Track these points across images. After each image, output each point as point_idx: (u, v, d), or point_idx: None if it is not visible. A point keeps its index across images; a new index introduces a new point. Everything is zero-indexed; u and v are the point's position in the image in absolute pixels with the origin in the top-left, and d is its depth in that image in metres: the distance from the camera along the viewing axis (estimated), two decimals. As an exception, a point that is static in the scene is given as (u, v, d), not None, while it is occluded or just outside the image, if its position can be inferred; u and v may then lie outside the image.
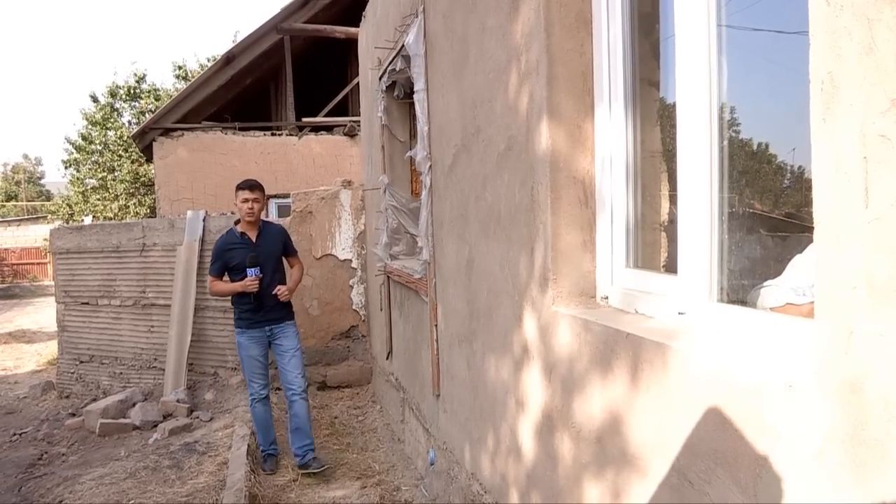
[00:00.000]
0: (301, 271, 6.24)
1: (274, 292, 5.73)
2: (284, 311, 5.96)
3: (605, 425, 2.29)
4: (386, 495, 5.25)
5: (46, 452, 7.59)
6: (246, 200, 5.72)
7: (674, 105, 2.16)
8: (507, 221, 3.12)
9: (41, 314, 21.33)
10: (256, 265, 5.65)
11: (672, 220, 2.51)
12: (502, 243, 3.21)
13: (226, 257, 5.78)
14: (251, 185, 5.78)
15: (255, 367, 5.89)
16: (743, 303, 2.10)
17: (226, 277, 5.89)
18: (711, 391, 1.71)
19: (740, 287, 2.21)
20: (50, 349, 13.38)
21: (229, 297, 6.06)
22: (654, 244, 2.64)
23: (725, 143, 2.01)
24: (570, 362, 2.52)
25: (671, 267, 2.33)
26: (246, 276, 5.63)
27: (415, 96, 4.80)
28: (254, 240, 5.82)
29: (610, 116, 2.56)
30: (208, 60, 25.15)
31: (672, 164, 2.45)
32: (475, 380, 3.82)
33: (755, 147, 2.77)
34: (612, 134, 2.55)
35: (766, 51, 2.47)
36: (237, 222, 5.95)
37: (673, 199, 2.50)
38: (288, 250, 6.12)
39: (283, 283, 5.92)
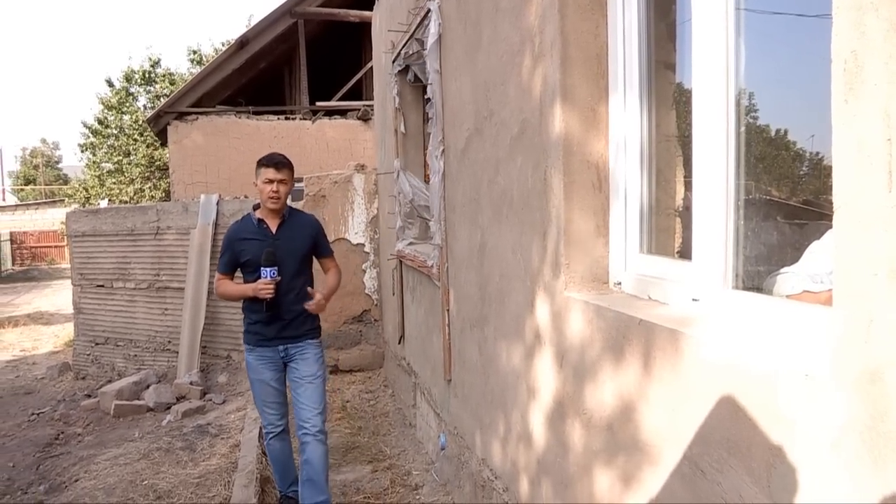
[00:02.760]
0: (338, 278, 4.76)
1: (310, 293, 4.43)
2: (306, 327, 4.53)
3: (617, 412, 2.27)
4: (397, 479, 5.25)
5: (63, 432, 7.66)
6: (270, 181, 4.35)
7: (690, 89, 2.12)
8: (520, 206, 3.09)
9: (59, 296, 21.50)
10: (274, 264, 4.28)
11: (687, 206, 2.48)
12: (515, 228, 3.18)
13: (237, 249, 4.46)
14: (278, 162, 4.38)
15: (268, 394, 4.56)
16: (758, 290, 2.07)
17: (238, 277, 4.62)
18: (725, 379, 1.68)
19: (756, 274, 2.17)
20: (67, 331, 13.48)
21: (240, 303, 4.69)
22: (668, 230, 2.60)
23: (742, 128, 1.97)
24: (582, 348, 2.50)
25: (685, 253, 2.30)
26: (260, 276, 4.30)
27: (428, 79, 4.76)
28: (274, 231, 4.44)
29: (624, 100, 2.52)
30: (222, 45, 25.19)
31: (687, 149, 2.41)
32: (486, 365, 3.80)
33: (773, 133, 2.72)
34: (626, 117, 2.51)
35: (785, 35, 2.42)
36: (256, 207, 4.57)
37: (688, 185, 2.47)
38: (320, 249, 4.68)
39: (305, 290, 4.49)
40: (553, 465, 2.87)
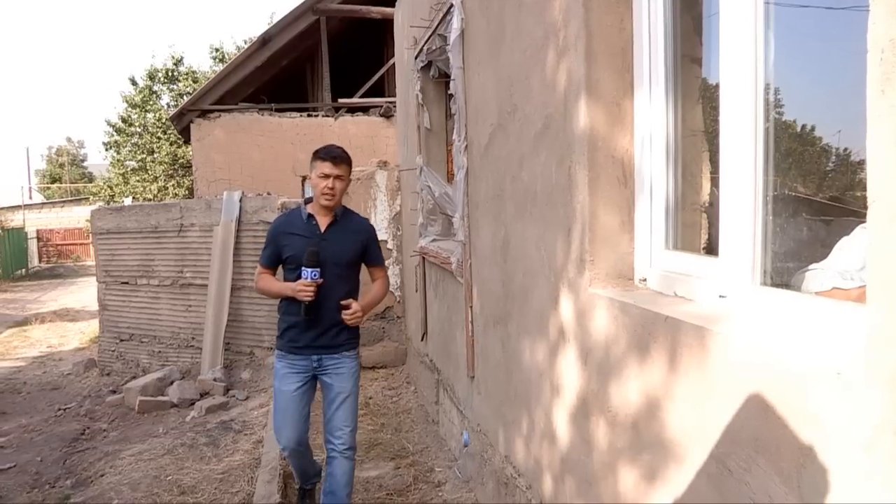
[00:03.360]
0: (385, 288, 4.39)
1: (343, 303, 4.03)
2: (344, 337, 4.16)
3: (642, 410, 2.24)
4: (419, 476, 5.25)
5: (89, 428, 7.74)
6: (326, 176, 3.98)
7: (716, 84, 2.09)
8: (544, 202, 3.07)
9: (84, 293, 21.72)
10: (317, 265, 3.93)
11: (713, 202, 2.45)
12: (538, 224, 3.16)
13: (281, 243, 4.13)
14: (336, 156, 4.01)
15: (289, 407, 4.12)
16: (786, 286, 2.04)
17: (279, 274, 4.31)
18: (753, 377, 1.65)
19: (784, 270, 2.14)
20: (92, 327, 13.62)
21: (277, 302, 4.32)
22: (694, 225, 2.57)
23: (770, 123, 1.94)
24: (607, 346, 2.47)
25: (711, 249, 2.27)
26: (300, 276, 3.97)
27: (451, 75, 4.74)
28: (323, 229, 4.09)
29: (650, 94, 2.49)
30: (245, 42, 25.34)
31: (714, 144, 2.39)
32: (510, 362, 3.78)
33: (799, 129, 2.69)
34: (652, 112, 2.49)
35: (813, 28, 2.38)
36: (308, 201, 4.22)
37: (714, 180, 2.44)
38: (370, 256, 4.27)
39: (352, 298, 4.13)
40: (577, 463, 2.85)
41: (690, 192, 2.54)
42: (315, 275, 3.93)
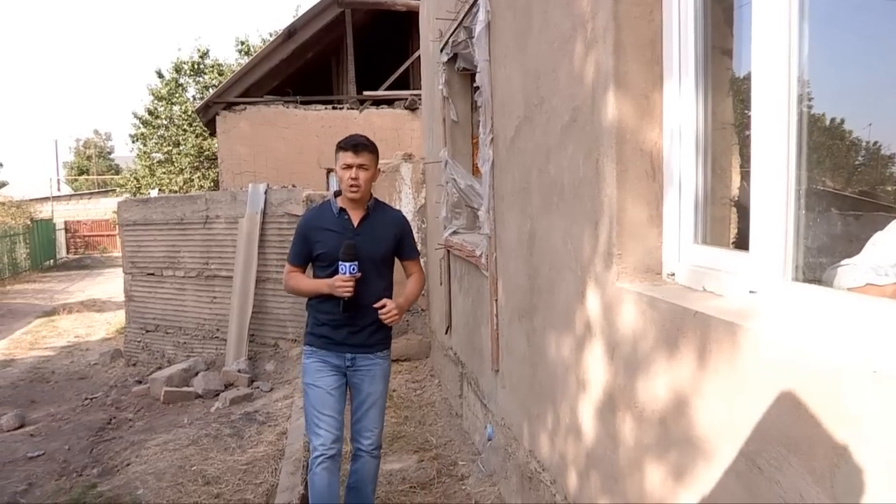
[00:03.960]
0: (421, 284, 4.21)
1: (377, 306, 3.84)
2: (380, 336, 4.00)
3: (670, 406, 2.22)
4: (443, 469, 5.24)
5: (115, 417, 7.84)
6: (348, 167, 3.80)
7: (747, 75, 2.05)
8: (571, 195, 3.04)
9: (111, 284, 21.97)
10: (354, 259, 3.73)
11: (743, 195, 2.41)
12: (565, 217, 3.14)
13: (312, 239, 3.91)
14: (357, 144, 3.82)
15: (326, 403, 3.87)
16: (818, 282, 2.00)
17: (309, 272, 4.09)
18: (785, 374, 1.63)
19: (816, 266, 2.11)
20: (118, 318, 13.77)
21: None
22: (724, 220, 2.54)
23: (804, 116, 1.90)
24: (635, 341, 2.45)
25: (741, 243, 2.24)
26: (337, 272, 3.76)
27: (477, 68, 4.72)
28: (355, 224, 3.90)
29: (679, 86, 2.46)
30: (270, 35, 25.43)
31: (744, 137, 2.35)
32: (535, 356, 3.76)
33: (828, 122, 2.65)
34: (681, 105, 2.45)
35: (845, 20, 2.34)
36: (337, 194, 4.00)
37: (744, 173, 2.41)
38: (404, 249, 4.11)
39: (387, 295, 3.96)
40: (602, 459, 2.83)
41: (720, 185, 2.50)
42: (353, 269, 3.73)
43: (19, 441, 7.22)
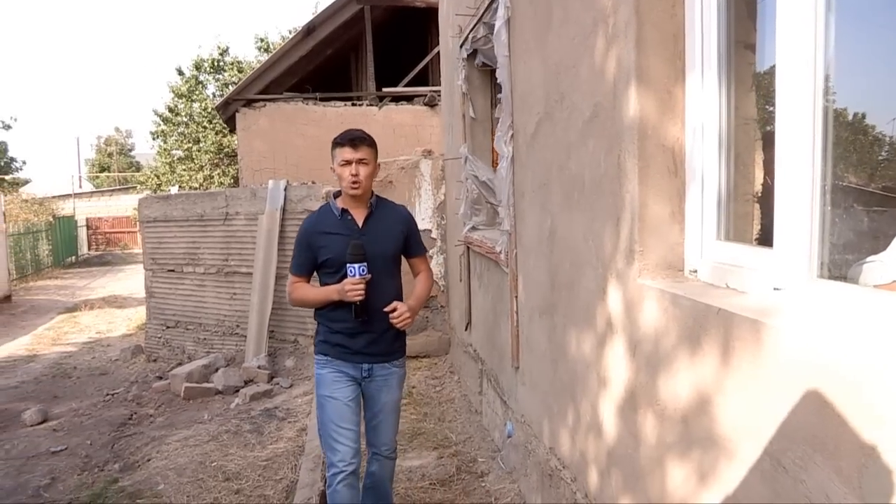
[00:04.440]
0: (430, 282, 3.99)
1: (387, 310, 3.61)
2: (399, 343, 3.83)
3: (693, 405, 2.20)
4: (462, 466, 5.23)
5: (136, 413, 7.88)
6: (347, 163, 3.59)
7: (770, 69, 2.03)
8: (592, 191, 3.02)
9: (131, 280, 22.14)
10: (363, 259, 3.51)
11: (766, 191, 2.39)
12: (586, 214, 3.12)
13: (316, 245, 3.67)
14: (354, 139, 3.63)
15: (344, 416, 3.65)
16: (843, 279, 1.97)
17: (315, 281, 3.84)
18: (810, 373, 1.60)
19: (842, 262, 2.07)
20: (139, 314, 13.88)
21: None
22: (747, 216, 2.51)
23: (829, 111, 1.87)
24: (657, 338, 2.43)
25: (765, 240, 2.21)
26: (346, 275, 3.55)
27: (497, 63, 4.70)
28: (360, 224, 3.69)
29: (702, 81, 2.43)
30: (289, 32, 25.49)
31: (768, 132, 2.32)
32: (555, 353, 3.74)
33: (850, 116, 2.61)
34: (704, 100, 2.43)
35: (869, 13, 2.31)
36: (337, 195, 3.80)
37: (768, 169, 2.38)
38: (411, 246, 3.90)
39: (397, 297, 3.75)
40: (624, 457, 2.81)
41: (743, 181, 2.48)
42: (363, 270, 3.51)
43: (42, 436, 7.28)
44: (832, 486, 1.54)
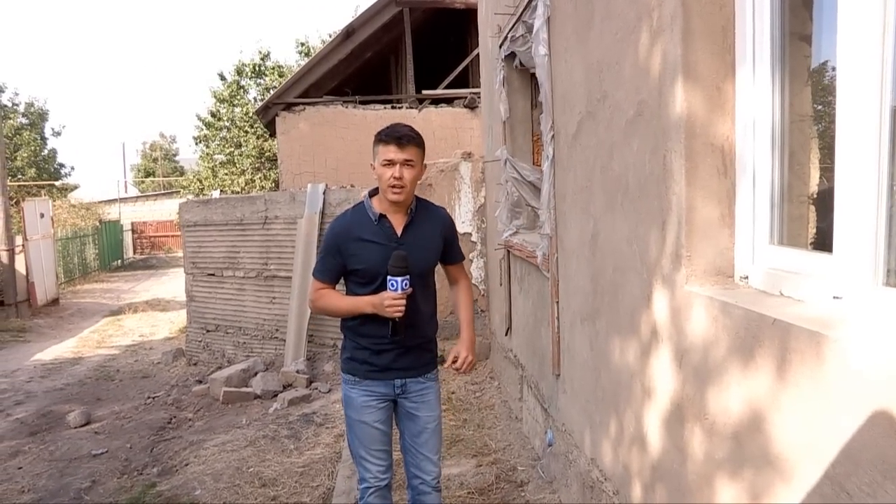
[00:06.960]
0: (471, 294, 3.75)
1: (447, 365, 3.49)
2: (429, 356, 3.51)
3: (744, 420, 2.06)
4: (501, 475, 5.12)
5: (175, 417, 7.91)
6: (390, 163, 3.16)
7: (827, 63, 1.89)
8: (636, 193, 2.90)
9: (174, 284, 22.39)
10: (406, 273, 3.12)
11: (823, 192, 2.24)
12: (630, 217, 2.99)
13: (347, 252, 3.27)
14: (402, 137, 3.19)
15: (373, 439, 3.41)
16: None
17: (340, 288, 3.44)
18: (879, 390, 1.47)
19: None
20: (181, 317, 13.99)
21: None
22: (802, 219, 2.37)
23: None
24: (705, 348, 2.30)
25: (822, 244, 2.07)
26: (378, 289, 3.20)
27: (536, 62, 4.59)
28: (399, 232, 3.28)
29: (753, 76, 2.30)
30: (329, 35, 25.55)
31: (824, 130, 2.19)
32: (598, 361, 3.62)
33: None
34: (755, 96, 2.29)
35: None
36: (374, 193, 3.38)
37: (824, 169, 2.24)
38: (451, 253, 3.56)
39: (432, 310, 3.52)
40: (669, 472, 2.68)
41: (797, 182, 2.33)
42: (405, 284, 3.12)
43: (84, 438, 7.33)
44: (904, 517, 1.40)
